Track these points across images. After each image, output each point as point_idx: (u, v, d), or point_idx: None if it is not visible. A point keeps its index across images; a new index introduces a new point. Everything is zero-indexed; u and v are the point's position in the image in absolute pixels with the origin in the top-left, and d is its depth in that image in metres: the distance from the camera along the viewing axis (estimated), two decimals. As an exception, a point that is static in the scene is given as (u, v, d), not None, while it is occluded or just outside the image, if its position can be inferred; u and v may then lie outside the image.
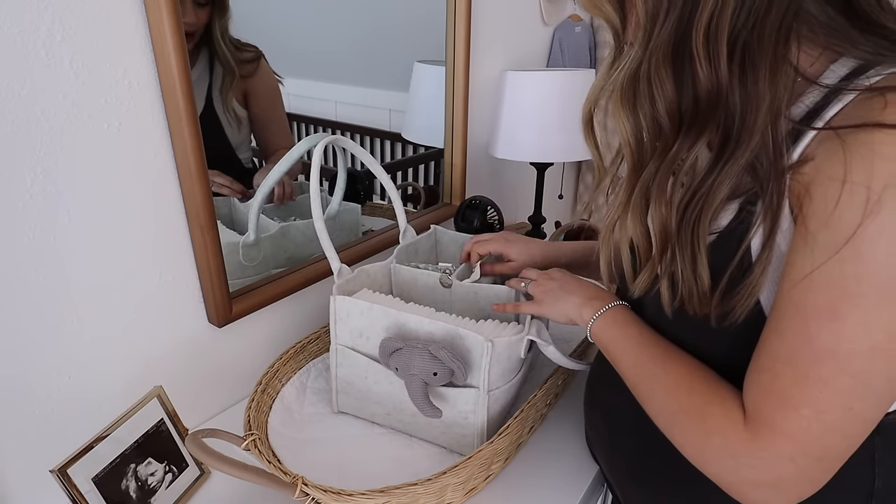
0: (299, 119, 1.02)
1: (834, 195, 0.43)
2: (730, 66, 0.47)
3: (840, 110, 0.46)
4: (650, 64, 0.50)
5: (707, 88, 0.48)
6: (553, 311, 0.75)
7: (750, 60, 0.47)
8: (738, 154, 0.48)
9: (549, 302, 0.76)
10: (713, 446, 0.51)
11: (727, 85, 0.48)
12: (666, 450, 0.58)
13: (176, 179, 0.77)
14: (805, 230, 0.45)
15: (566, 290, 0.74)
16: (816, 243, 0.44)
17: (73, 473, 0.64)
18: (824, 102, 0.47)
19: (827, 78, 0.48)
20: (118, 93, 0.69)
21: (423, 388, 0.72)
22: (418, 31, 1.21)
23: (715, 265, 0.51)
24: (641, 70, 0.51)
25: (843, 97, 0.46)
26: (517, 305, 0.81)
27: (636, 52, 0.52)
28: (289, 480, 0.62)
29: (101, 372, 0.76)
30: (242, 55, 0.88)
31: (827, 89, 0.47)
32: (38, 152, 0.64)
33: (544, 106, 1.22)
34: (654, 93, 0.51)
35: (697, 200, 0.50)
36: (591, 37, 1.79)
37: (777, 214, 0.47)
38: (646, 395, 0.60)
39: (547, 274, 0.80)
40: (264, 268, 0.96)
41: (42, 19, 0.61)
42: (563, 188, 1.82)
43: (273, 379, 0.85)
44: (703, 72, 0.48)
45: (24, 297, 0.67)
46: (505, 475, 0.78)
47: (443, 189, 1.31)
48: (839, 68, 0.48)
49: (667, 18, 0.48)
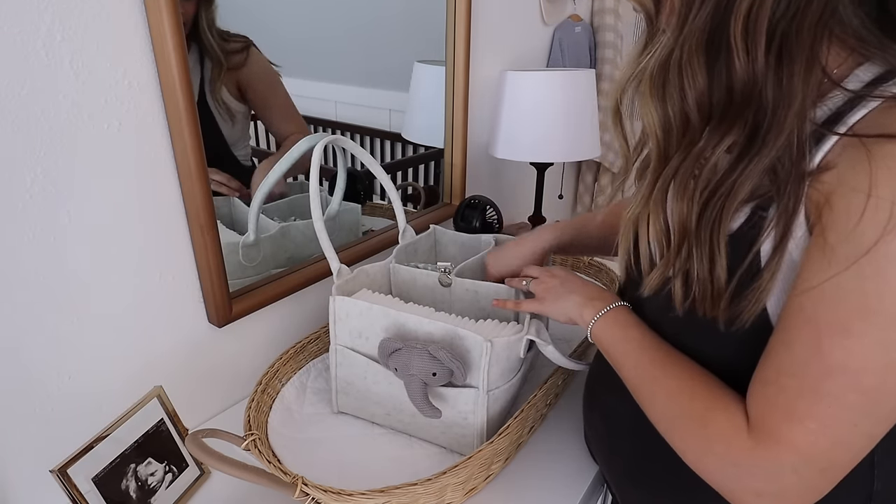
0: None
1: (857, 208, 0.42)
2: (766, 58, 0.45)
3: (864, 116, 0.44)
4: (682, 52, 0.48)
5: (743, 81, 0.46)
6: (554, 309, 0.74)
7: (788, 54, 0.45)
8: (764, 153, 0.46)
9: (550, 300, 0.75)
10: (715, 453, 0.51)
11: (763, 78, 0.46)
12: (665, 453, 0.58)
13: (176, 179, 0.77)
14: (823, 241, 0.44)
15: (568, 288, 0.74)
16: (835, 256, 0.43)
17: (73, 473, 0.64)
18: (848, 107, 0.45)
19: (851, 82, 0.47)
20: (118, 93, 0.69)
21: (423, 388, 0.72)
22: (418, 31, 1.21)
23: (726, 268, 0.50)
24: (673, 58, 0.49)
25: (867, 103, 0.45)
26: (518, 303, 0.81)
27: (668, 39, 0.49)
28: (289, 480, 0.62)
29: (101, 372, 0.76)
30: (230, 46, 0.86)
31: (852, 94, 0.46)
32: (38, 152, 0.64)
33: (544, 106, 1.22)
34: (686, 83, 0.49)
35: (719, 198, 0.49)
36: (591, 37, 1.79)
37: (791, 220, 0.46)
38: (646, 398, 0.60)
39: (549, 271, 0.79)
40: (264, 268, 0.96)
41: (42, 19, 0.61)
42: (563, 188, 1.82)
43: (273, 379, 0.85)
44: (739, 63, 0.46)
45: (24, 297, 0.67)
46: (505, 475, 0.78)
47: (443, 189, 1.31)
48: (864, 73, 0.47)
49: (703, 4, 0.46)
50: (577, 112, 1.25)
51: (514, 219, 1.55)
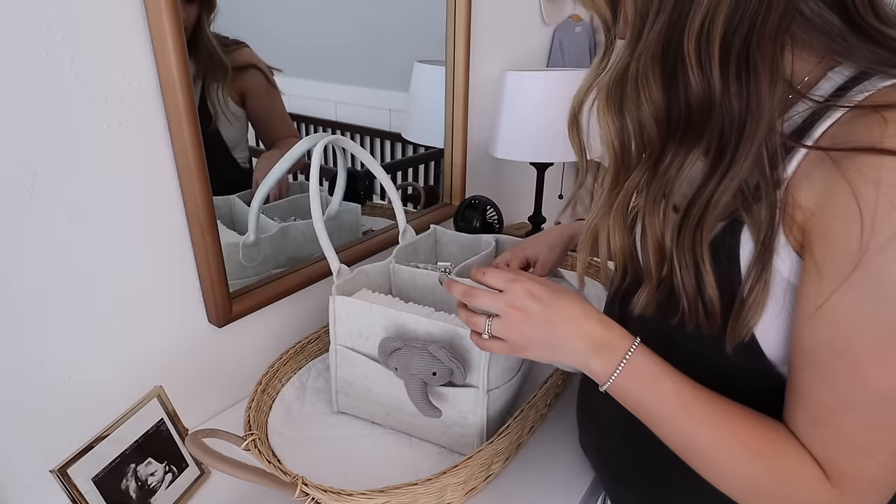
0: (299, 119, 1.02)
1: (856, 233, 0.41)
2: (723, 73, 0.44)
3: (829, 127, 0.44)
4: (638, 65, 0.47)
5: (699, 95, 0.46)
6: (538, 357, 0.58)
7: (749, 69, 0.44)
8: (736, 167, 0.45)
9: (525, 346, 0.57)
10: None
11: (721, 93, 0.45)
12: (654, 456, 0.57)
13: (176, 179, 0.77)
14: (822, 266, 0.43)
15: (557, 330, 0.55)
16: (851, 287, 0.42)
17: (73, 473, 0.64)
18: (815, 117, 0.45)
19: (822, 88, 0.46)
20: (118, 93, 0.69)
21: (423, 387, 0.72)
22: (418, 31, 1.21)
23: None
24: (630, 71, 0.48)
25: (833, 113, 0.44)
26: (480, 340, 0.59)
27: (625, 52, 0.49)
28: (289, 480, 0.62)
29: (101, 372, 0.76)
30: (228, 50, 0.86)
31: (816, 104, 0.45)
32: (39, 152, 0.64)
33: (544, 106, 1.22)
34: (642, 97, 0.48)
35: (696, 212, 0.48)
36: (591, 37, 1.79)
37: (770, 231, 0.46)
38: (703, 462, 0.53)
39: (522, 289, 0.56)
40: (264, 268, 0.96)
41: (42, 19, 0.61)
42: (563, 188, 1.82)
43: (273, 379, 0.85)
44: (694, 78, 0.45)
45: (23, 297, 0.67)
46: (505, 475, 0.78)
47: (443, 189, 1.31)
48: (838, 76, 0.46)
49: (657, 18, 0.46)
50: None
51: (514, 219, 1.55)
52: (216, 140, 0.88)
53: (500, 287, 0.57)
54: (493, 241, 1.00)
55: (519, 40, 1.47)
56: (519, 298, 0.56)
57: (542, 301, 0.55)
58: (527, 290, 0.56)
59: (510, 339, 0.57)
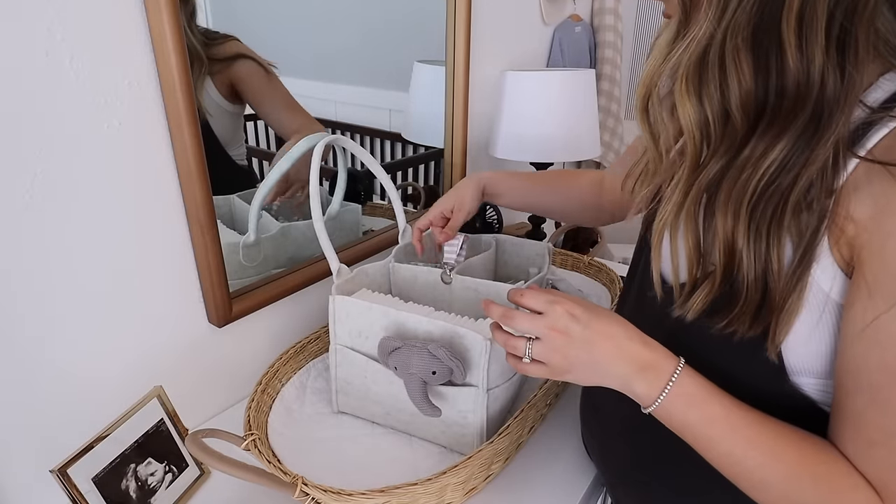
0: (299, 119, 1.02)
1: None
2: (826, 56, 0.41)
3: (883, 138, 0.42)
4: (724, 47, 0.44)
5: (797, 80, 0.42)
6: (578, 379, 0.56)
7: (848, 50, 0.41)
8: (816, 155, 0.42)
9: (566, 369, 0.55)
10: None
11: (820, 78, 0.41)
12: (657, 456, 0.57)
13: (176, 179, 0.77)
14: (880, 287, 0.42)
15: (598, 351, 0.53)
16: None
17: (73, 473, 0.64)
18: (867, 127, 0.43)
19: (872, 95, 0.44)
20: (118, 93, 0.69)
21: (422, 386, 0.72)
22: (418, 31, 1.21)
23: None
24: (711, 54, 0.45)
25: (888, 122, 0.42)
26: (521, 365, 0.57)
27: (705, 30, 0.44)
28: (289, 480, 0.62)
29: (101, 372, 0.76)
30: (214, 44, 0.84)
31: (871, 110, 0.43)
32: (38, 152, 0.64)
33: (544, 106, 1.22)
34: (727, 81, 0.44)
35: (771, 205, 0.45)
36: (591, 37, 1.79)
37: (812, 242, 0.44)
38: (750, 483, 0.51)
39: (563, 311, 0.54)
40: (264, 268, 0.96)
41: (42, 19, 0.61)
42: (564, 188, 1.82)
43: (273, 379, 0.85)
44: (793, 61, 0.41)
45: (23, 296, 0.67)
46: (505, 475, 0.78)
47: (443, 189, 1.31)
48: (889, 85, 0.44)
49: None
50: (577, 112, 1.25)
51: (513, 219, 1.55)
52: (206, 134, 0.87)
53: (539, 309, 0.55)
54: (492, 240, 1.00)
55: (519, 40, 1.47)
56: (560, 320, 0.54)
57: (582, 322, 0.54)
58: (567, 311, 0.54)
59: (552, 362, 0.55)
